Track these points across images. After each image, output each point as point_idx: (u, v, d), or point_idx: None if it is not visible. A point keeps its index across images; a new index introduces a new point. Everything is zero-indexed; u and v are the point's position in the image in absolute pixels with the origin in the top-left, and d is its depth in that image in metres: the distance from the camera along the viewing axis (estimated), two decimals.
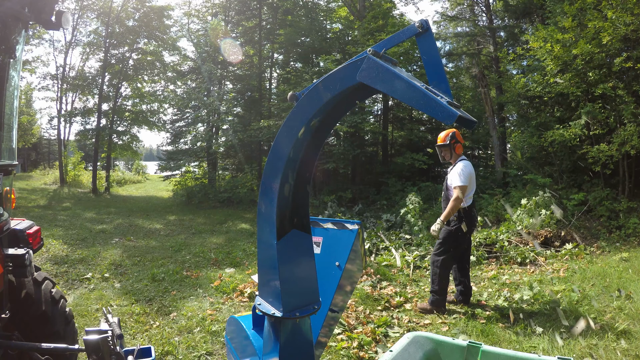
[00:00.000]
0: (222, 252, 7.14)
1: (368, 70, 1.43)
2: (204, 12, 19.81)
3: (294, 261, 1.99)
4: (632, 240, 6.90)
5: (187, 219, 11.36)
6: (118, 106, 19.06)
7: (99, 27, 19.19)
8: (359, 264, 3.21)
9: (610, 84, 7.85)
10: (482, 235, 6.87)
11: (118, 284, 5.19)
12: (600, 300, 4.42)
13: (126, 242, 7.82)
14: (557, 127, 8.75)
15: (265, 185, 1.92)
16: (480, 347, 1.65)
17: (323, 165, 13.30)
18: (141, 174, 34.37)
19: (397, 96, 1.38)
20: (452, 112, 1.24)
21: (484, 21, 14.81)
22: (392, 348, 1.61)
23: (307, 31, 15.94)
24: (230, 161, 20.01)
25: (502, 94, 12.77)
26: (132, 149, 20.33)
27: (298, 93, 2.06)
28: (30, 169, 30.37)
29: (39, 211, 11.53)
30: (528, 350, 3.41)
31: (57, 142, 21.45)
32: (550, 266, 5.85)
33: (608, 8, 7.39)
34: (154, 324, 3.93)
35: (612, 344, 3.41)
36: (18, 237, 2.31)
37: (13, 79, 2.23)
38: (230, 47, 17.09)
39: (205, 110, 17.02)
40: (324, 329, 2.85)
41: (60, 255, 6.35)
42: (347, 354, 3.33)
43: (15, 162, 2.36)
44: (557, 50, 8.20)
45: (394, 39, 1.59)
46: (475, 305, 4.53)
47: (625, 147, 7.47)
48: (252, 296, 4.64)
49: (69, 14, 2.23)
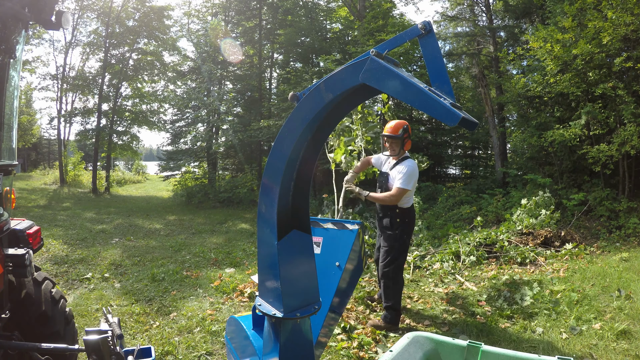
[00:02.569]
0: (222, 252, 7.14)
1: (371, 71, 1.43)
2: (204, 12, 19.83)
3: (295, 261, 1.99)
4: (632, 240, 6.90)
5: (187, 219, 11.36)
6: (118, 106, 19.07)
7: (99, 27, 19.21)
8: (359, 264, 3.21)
9: (610, 84, 7.85)
10: (482, 235, 6.87)
11: (118, 284, 5.18)
12: (600, 300, 4.42)
13: (126, 242, 7.81)
14: (557, 127, 8.75)
15: (265, 186, 1.92)
16: (480, 347, 1.64)
17: (323, 165, 13.29)
18: (141, 174, 34.39)
19: (399, 97, 1.38)
20: (456, 113, 1.25)
21: (484, 21, 14.82)
22: (392, 348, 1.61)
23: (307, 31, 15.96)
24: (230, 161, 20.02)
25: (502, 94, 12.77)
26: (132, 149, 20.34)
27: (299, 93, 2.06)
28: (30, 169, 30.37)
29: (39, 211, 11.53)
30: (528, 350, 3.41)
31: (57, 142, 21.45)
32: (550, 266, 5.86)
33: (608, 8, 7.39)
34: (154, 324, 3.93)
35: (612, 344, 3.41)
36: (18, 237, 2.31)
37: (13, 79, 2.22)
38: (230, 47, 17.09)
39: (205, 110, 17.02)
40: (324, 329, 2.85)
41: (60, 255, 6.35)
42: (347, 354, 3.33)
43: (15, 162, 2.36)
44: (557, 50, 8.20)
45: (397, 40, 1.59)
46: (475, 305, 4.53)
47: (625, 147, 7.47)
48: (252, 296, 4.64)
49: (69, 14, 2.23)
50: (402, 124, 3.90)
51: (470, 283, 5.29)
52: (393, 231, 3.88)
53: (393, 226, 3.89)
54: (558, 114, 9.61)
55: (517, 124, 12.05)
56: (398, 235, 3.88)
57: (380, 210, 4.05)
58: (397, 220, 3.88)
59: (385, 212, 3.95)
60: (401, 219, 3.89)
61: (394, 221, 3.89)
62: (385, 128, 3.97)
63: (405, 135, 3.89)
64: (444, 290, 5.10)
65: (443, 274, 5.71)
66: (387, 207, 3.90)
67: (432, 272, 5.83)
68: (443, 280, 5.48)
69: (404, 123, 3.92)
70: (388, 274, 3.88)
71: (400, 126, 3.89)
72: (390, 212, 3.91)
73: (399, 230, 3.88)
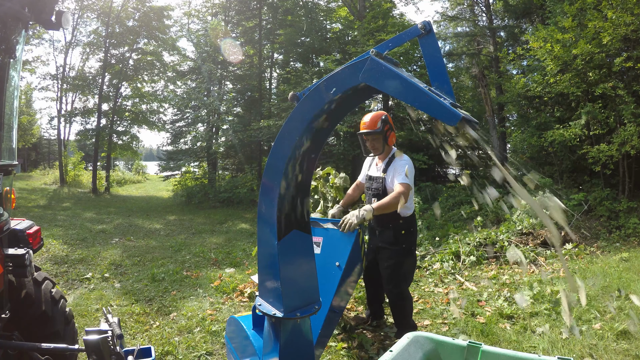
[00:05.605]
0: (222, 252, 7.14)
1: (371, 71, 1.44)
2: (204, 12, 19.84)
3: (295, 261, 1.99)
4: (632, 240, 6.90)
5: (187, 219, 11.36)
6: (118, 106, 19.07)
7: (99, 27, 19.22)
8: (359, 264, 3.20)
9: (610, 84, 7.85)
10: (482, 235, 6.87)
11: (118, 284, 5.18)
12: (600, 300, 4.41)
13: (126, 242, 7.81)
14: (557, 127, 8.75)
15: (265, 186, 1.92)
16: (480, 347, 1.64)
17: (323, 165, 13.29)
18: (141, 174, 34.39)
19: (399, 97, 1.39)
20: (456, 113, 1.25)
21: (484, 21, 14.82)
22: (392, 348, 1.61)
23: (307, 31, 15.96)
24: (230, 161, 20.02)
25: (502, 94, 12.77)
26: (132, 149, 20.36)
27: (299, 93, 2.06)
28: (30, 169, 30.37)
29: (39, 211, 11.53)
30: (528, 350, 3.41)
31: (57, 142, 21.45)
32: (550, 266, 5.85)
33: (608, 8, 7.40)
34: (154, 324, 3.93)
35: (612, 344, 3.41)
36: (18, 237, 2.31)
37: (13, 79, 2.22)
38: (230, 47, 17.09)
39: (205, 110, 17.03)
40: (324, 329, 2.85)
41: (60, 255, 6.34)
42: (347, 354, 3.33)
43: (15, 162, 2.36)
44: (557, 50, 8.20)
45: (397, 40, 1.59)
46: (475, 305, 4.53)
47: (625, 147, 7.47)
48: (252, 296, 4.64)
49: (69, 14, 2.23)
50: (380, 115, 3.27)
51: (470, 283, 5.29)
52: (399, 245, 3.28)
53: (398, 240, 3.27)
54: (558, 114, 9.61)
55: (517, 124, 12.06)
56: (406, 249, 3.30)
57: (377, 224, 3.38)
58: (402, 232, 3.27)
59: (386, 224, 3.32)
60: (406, 230, 3.30)
61: (399, 234, 3.27)
62: (361, 124, 3.33)
63: (387, 127, 3.26)
64: (444, 290, 5.10)
65: (443, 274, 5.71)
66: (388, 219, 3.28)
67: (432, 272, 5.83)
68: (443, 280, 5.48)
69: (382, 114, 3.28)
70: (402, 294, 3.33)
71: (377, 118, 3.24)
72: (393, 223, 3.29)
73: (406, 244, 3.30)
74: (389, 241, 3.29)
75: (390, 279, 3.30)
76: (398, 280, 3.29)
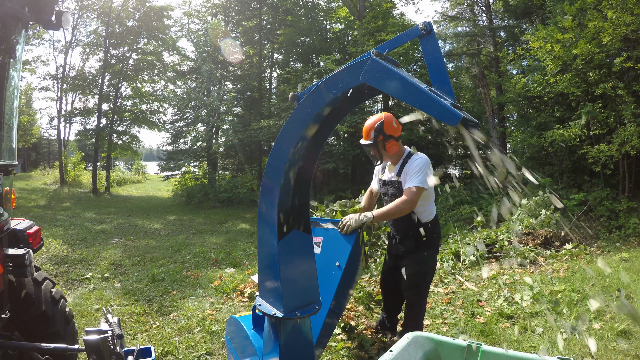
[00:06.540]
0: (222, 252, 7.14)
1: (372, 71, 1.44)
2: (204, 12, 19.86)
3: (295, 261, 1.99)
4: (632, 240, 6.90)
5: (187, 219, 11.36)
6: (118, 106, 19.09)
7: (99, 27, 19.24)
8: (359, 265, 3.20)
9: (610, 84, 7.85)
10: (482, 235, 6.87)
11: (118, 284, 5.18)
12: (600, 300, 4.41)
13: (126, 242, 7.81)
14: (557, 127, 8.75)
15: (265, 186, 1.92)
16: (480, 347, 1.65)
17: (323, 165, 13.30)
18: (141, 174, 34.40)
19: (400, 97, 1.39)
20: (456, 113, 1.25)
21: (484, 21, 14.84)
22: (392, 348, 1.61)
23: (307, 31, 15.96)
24: (230, 161, 20.03)
25: (502, 94, 12.78)
26: (132, 149, 20.36)
27: (299, 93, 2.05)
28: (30, 169, 30.39)
29: (39, 211, 11.53)
30: (528, 350, 3.41)
31: (57, 142, 21.47)
32: (550, 266, 5.85)
33: (608, 8, 7.40)
34: (154, 324, 3.93)
35: (612, 344, 3.41)
36: (18, 237, 2.31)
37: (13, 79, 2.22)
38: (230, 47, 17.10)
39: (205, 110, 17.04)
40: (324, 329, 2.85)
41: (60, 255, 6.34)
42: (347, 354, 3.33)
43: (15, 162, 2.36)
44: (557, 50, 8.20)
45: (397, 40, 1.59)
46: (475, 305, 4.53)
47: (625, 147, 7.47)
48: (252, 296, 4.64)
49: (69, 14, 2.23)
50: (374, 124, 2.97)
51: (470, 283, 5.28)
52: (421, 253, 3.05)
53: (420, 248, 3.04)
54: (558, 114, 9.61)
55: (517, 124, 12.06)
56: (428, 256, 3.08)
57: (396, 231, 3.17)
58: (424, 239, 3.01)
59: (406, 231, 3.09)
60: (429, 236, 3.03)
61: (420, 242, 3.02)
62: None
63: (380, 137, 2.95)
64: (444, 290, 5.10)
65: (443, 274, 5.71)
66: (407, 224, 3.05)
67: None
68: (443, 280, 5.48)
69: (377, 121, 2.97)
70: (420, 301, 3.19)
71: (371, 128, 2.97)
72: (413, 230, 3.04)
73: (428, 252, 3.06)
74: (411, 250, 3.09)
75: (410, 286, 3.13)
76: (419, 288, 3.15)
